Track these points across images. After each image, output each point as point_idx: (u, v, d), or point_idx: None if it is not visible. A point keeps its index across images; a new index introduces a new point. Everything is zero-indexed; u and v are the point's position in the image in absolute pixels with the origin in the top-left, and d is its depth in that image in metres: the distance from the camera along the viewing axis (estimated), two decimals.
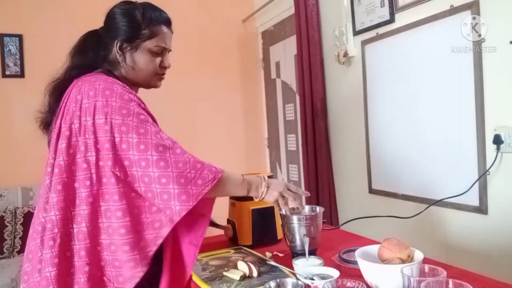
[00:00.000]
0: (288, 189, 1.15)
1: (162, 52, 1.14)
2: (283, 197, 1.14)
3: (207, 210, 1.05)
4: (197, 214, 1.03)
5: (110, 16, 1.13)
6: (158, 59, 1.14)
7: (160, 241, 0.97)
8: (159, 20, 1.12)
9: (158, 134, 0.99)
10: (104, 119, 0.97)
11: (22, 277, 1.00)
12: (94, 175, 0.97)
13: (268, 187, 1.12)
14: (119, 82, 1.05)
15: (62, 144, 0.99)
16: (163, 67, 1.16)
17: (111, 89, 1.00)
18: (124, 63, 1.11)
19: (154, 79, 1.17)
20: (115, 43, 1.09)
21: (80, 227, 0.96)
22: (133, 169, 0.96)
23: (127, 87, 1.05)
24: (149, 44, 1.11)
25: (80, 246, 0.96)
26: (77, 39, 1.17)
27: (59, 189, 0.97)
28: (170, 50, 1.19)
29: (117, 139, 0.96)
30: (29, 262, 0.99)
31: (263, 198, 1.12)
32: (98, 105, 0.98)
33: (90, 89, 1.00)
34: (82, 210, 0.96)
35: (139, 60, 1.12)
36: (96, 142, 0.97)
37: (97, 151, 0.97)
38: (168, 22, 1.15)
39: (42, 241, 0.96)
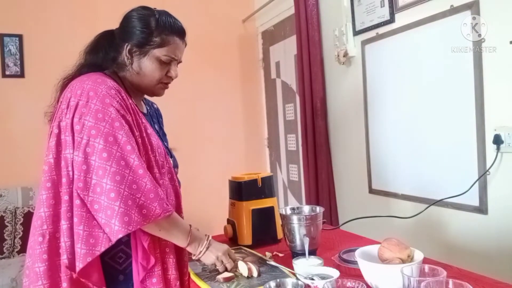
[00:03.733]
0: (229, 255, 1.14)
1: (170, 62, 1.12)
2: (222, 261, 1.12)
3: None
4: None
5: (126, 19, 1.12)
6: (165, 69, 1.12)
7: (89, 259, 0.92)
8: (172, 29, 1.11)
9: (126, 146, 0.95)
10: (79, 118, 0.97)
11: (24, 272, 1.00)
12: (70, 173, 0.96)
13: (207, 248, 1.09)
14: (109, 82, 1.02)
15: (52, 142, 0.99)
16: (169, 77, 1.14)
17: (96, 90, 0.99)
18: (130, 67, 1.11)
19: (157, 87, 1.15)
20: (125, 46, 1.09)
21: (65, 224, 0.96)
22: (89, 176, 0.94)
23: (117, 89, 1.02)
24: (159, 52, 1.09)
25: (67, 243, 0.96)
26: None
27: (48, 186, 0.97)
28: (180, 61, 1.17)
29: (84, 141, 0.95)
30: (30, 257, 0.99)
31: (199, 258, 1.10)
32: (80, 104, 0.98)
33: (78, 88, 1.00)
34: (63, 207, 0.97)
35: (146, 66, 1.10)
36: (72, 140, 0.97)
37: (74, 148, 0.97)
38: (181, 33, 1.13)
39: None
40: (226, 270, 1.14)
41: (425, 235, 1.98)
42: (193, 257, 1.10)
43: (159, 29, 1.09)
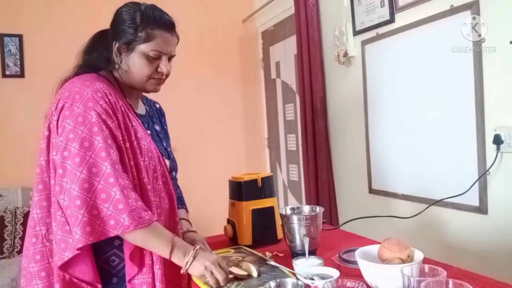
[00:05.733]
0: (219, 265, 1.03)
1: (160, 57, 1.07)
2: (211, 272, 1.01)
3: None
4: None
5: (114, 16, 1.10)
6: (155, 64, 1.07)
7: (59, 263, 0.92)
8: (158, 23, 1.05)
9: (101, 152, 0.92)
10: (61, 121, 0.96)
11: (21, 272, 1.01)
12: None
13: (194, 257, 1.01)
14: (98, 85, 1.00)
15: (43, 144, 0.99)
16: (159, 73, 1.09)
17: (81, 93, 0.97)
18: (119, 65, 1.08)
19: (149, 83, 1.10)
20: (114, 44, 1.07)
21: (55, 226, 0.96)
22: (64, 180, 0.92)
23: (105, 92, 1.00)
24: (145, 47, 1.04)
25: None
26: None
27: (40, 188, 0.98)
28: (173, 56, 1.11)
29: (62, 144, 0.94)
30: (25, 257, 1.00)
31: (187, 269, 1.01)
32: (66, 106, 0.97)
33: (67, 90, 0.99)
34: (53, 209, 0.97)
35: (133, 63, 1.06)
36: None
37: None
38: (169, 26, 1.07)
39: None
40: (217, 284, 1.03)
41: (425, 235, 1.98)
42: (181, 271, 1.02)
43: (144, 24, 1.04)
